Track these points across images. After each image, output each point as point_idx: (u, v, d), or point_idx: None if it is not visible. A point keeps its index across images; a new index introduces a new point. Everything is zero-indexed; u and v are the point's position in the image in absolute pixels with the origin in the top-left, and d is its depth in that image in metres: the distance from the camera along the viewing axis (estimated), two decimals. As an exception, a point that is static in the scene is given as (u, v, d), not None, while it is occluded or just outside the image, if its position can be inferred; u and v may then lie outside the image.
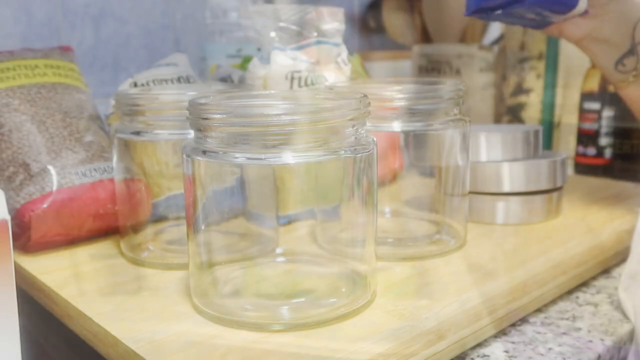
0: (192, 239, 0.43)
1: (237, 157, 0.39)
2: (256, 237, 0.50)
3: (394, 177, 0.54)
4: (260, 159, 0.39)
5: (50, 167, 0.56)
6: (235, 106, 0.40)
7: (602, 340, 0.46)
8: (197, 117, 0.40)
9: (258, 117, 0.38)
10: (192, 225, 0.43)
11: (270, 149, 0.39)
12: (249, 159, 0.39)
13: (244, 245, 0.49)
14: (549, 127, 0.96)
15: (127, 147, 0.53)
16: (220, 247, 0.44)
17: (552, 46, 0.93)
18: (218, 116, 0.39)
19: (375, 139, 0.43)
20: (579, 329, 0.48)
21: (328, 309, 0.40)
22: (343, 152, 0.40)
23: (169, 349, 0.38)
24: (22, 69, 0.60)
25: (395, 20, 1.08)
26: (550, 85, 0.94)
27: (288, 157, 0.39)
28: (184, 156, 0.42)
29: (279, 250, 0.43)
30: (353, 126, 0.41)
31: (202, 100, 0.44)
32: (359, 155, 0.41)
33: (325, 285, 0.41)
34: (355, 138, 0.41)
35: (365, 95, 0.42)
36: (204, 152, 0.40)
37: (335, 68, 0.61)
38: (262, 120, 0.38)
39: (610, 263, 0.59)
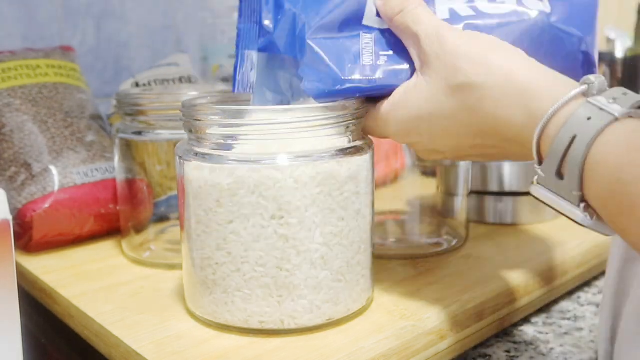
0: (185, 240, 0.43)
1: (230, 160, 0.38)
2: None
3: (396, 177, 0.54)
4: (255, 161, 0.38)
5: (51, 167, 0.56)
6: (229, 108, 0.40)
7: (603, 340, 0.46)
8: (190, 119, 0.40)
9: (252, 119, 0.38)
10: (185, 227, 0.42)
11: (266, 150, 0.38)
12: (242, 161, 0.38)
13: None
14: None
15: (128, 147, 0.53)
16: (215, 250, 0.44)
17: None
18: (211, 118, 0.39)
19: (372, 139, 0.43)
20: (581, 329, 0.48)
21: (329, 310, 0.40)
22: (341, 153, 0.40)
23: (170, 349, 0.38)
24: (23, 69, 0.60)
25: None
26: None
27: (284, 159, 0.38)
28: (177, 158, 0.41)
29: (277, 251, 0.43)
30: (353, 126, 0.40)
31: (195, 102, 0.43)
32: (357, 156, 0.41)
33: (326, 285, 0.41)
34: (354, 139, 0.41)
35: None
36: (197, 154, 0.39)
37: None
38: (256, 121, 0.38)
39: (612, 263, 0.59)
